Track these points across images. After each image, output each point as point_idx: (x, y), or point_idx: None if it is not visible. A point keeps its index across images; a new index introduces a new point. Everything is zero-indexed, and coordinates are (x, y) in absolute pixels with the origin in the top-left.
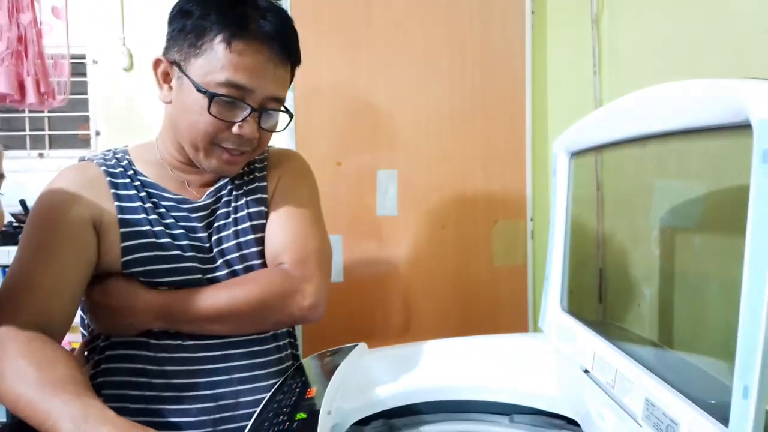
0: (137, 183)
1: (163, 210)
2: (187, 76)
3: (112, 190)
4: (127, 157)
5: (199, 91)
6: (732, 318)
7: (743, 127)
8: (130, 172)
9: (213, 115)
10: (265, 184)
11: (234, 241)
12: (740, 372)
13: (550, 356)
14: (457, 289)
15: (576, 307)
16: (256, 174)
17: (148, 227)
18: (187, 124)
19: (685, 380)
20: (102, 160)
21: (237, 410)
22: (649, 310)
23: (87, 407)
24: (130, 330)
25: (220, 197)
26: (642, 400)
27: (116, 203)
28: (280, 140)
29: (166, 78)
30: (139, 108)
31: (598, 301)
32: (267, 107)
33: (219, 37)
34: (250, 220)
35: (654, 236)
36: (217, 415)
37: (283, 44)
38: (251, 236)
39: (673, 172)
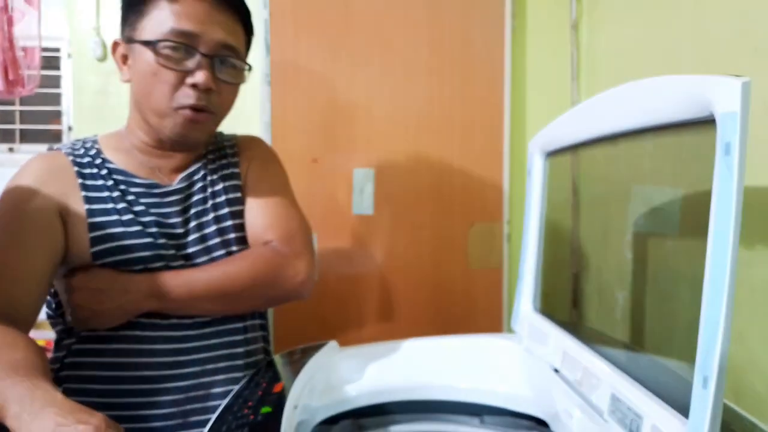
0: (105, 171)
1: (132, 197)
2: (137, 40)
3: (80, 180)
4: (96, 146)
5: (146, 44)
6: (697, 317)
7: (708, 122)
8: (98, 161)
9: (163, 65)
10: (238, 170)
11: (215, 227)
12: (701, 363)
13: (521, 356)
14: (432, 290)
15: (550, 311)
16: (229, 159)
17: (116, 216)
18: (147, 90)
19: (649, 376)
20: (70, 150)
21: (208, 401)
22: (622, 314)
23: (35, 389)
24: (117, 314)
25: (194, 182)
26: (608, 396)
27: (83, 193)
28: (256, 135)
29: (125, 60)
30: (113, 102)
31: (572, 306)
32: (220, 54)
33: None
34: (229, 205)
35: (627, 240)
36: (188, 407)
37: None
38: (230, 222)
39: (646, 177)
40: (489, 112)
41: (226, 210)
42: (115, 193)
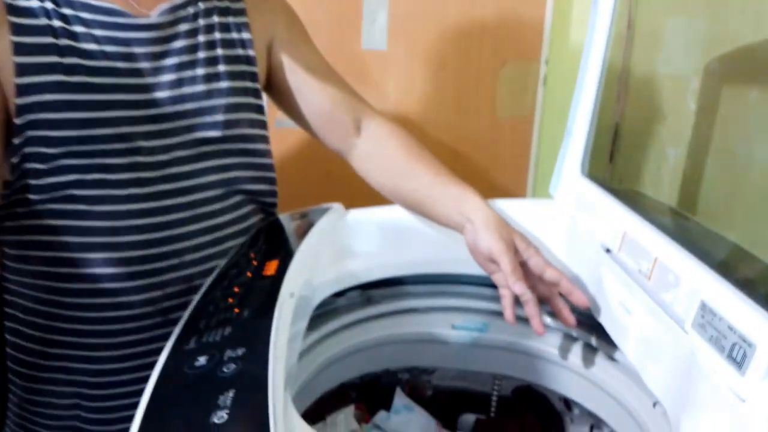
0: None
1: (81, 29)
2: None
3: (10, 18)
4: None
5: None
6: None
7: None
8: None
9: None
10: (245, 20)
11: (203, 86)
12: None
13: (561, 228)
14: (453, 140)
15: (600, 174)
16: (229, 3)
17: (55, 58)
18: None
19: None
20: None
21: (191, 295)
22: (672, 174)
23: None
24: None
25: (179, 20)
26: (695, 303)
27: (11, 38)
28: None
29: None
30: None
31: (609, 161)
32: None
33: None
34: (227, 63)
35: (692, 87)
36: (166, 304)
37: None
38: (226, 83)
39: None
40: None
41: (222, 68)
42: (57, 24)
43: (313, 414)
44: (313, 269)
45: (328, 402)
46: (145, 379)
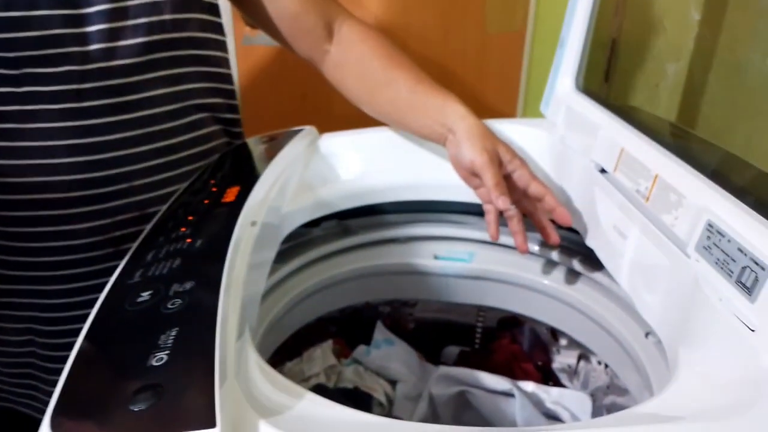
0: None
1: None
2: None
3: None
4: None
5: None
6: None
7: None
8: None
9: None
10: None
11: None
12: None
13: (553, 149)
14: (437, 59)
15: (598, 90)
16: None
17: None
18: None
19: None
20: None
21: (145, 224)
22: (671, 91)
23: None
24: None
25: None
26: (700, 224)
27: None
28: None
29: None
30: None
31: (604, 80)
32: None
33: None
34: None
35: None
36: (117, 233)
37: None
38: None
39: None
40: None
41: None
42: None
43: (289, 349)
44: (281, 196)
45: (306, 337)
46: None
